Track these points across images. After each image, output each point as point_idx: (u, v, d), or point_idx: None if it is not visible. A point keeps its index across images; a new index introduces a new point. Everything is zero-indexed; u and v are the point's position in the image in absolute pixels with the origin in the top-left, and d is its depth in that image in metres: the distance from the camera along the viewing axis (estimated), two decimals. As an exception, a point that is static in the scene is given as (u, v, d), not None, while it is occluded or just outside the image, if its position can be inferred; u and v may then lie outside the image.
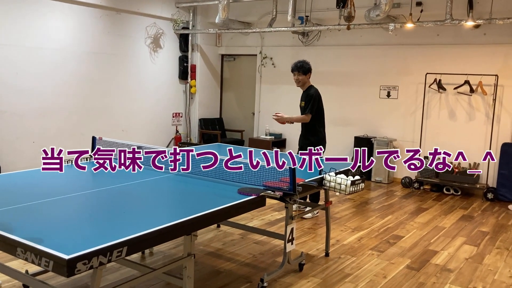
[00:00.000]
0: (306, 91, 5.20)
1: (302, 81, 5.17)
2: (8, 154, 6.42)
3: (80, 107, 7.30)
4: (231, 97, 9.70)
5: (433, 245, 4.64)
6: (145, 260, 3.96)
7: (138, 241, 2.12)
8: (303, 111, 5.19)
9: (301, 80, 5.16)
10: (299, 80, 5.17)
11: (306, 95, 5.18)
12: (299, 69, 5.12)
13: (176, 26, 8.64)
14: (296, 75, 5.16)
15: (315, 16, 7.81)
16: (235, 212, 2.79)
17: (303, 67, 5.12)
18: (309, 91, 5.17)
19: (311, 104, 5.09)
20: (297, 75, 5.15)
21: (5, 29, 6.25)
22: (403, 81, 7.50)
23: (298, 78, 5.15)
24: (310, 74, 5.21)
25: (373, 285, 3.63)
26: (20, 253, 1.99)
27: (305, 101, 5.15)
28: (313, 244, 4.50)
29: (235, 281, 3.59)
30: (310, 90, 5.18)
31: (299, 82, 5.18)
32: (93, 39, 7.36)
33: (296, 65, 5.14)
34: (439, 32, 7.10)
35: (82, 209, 2.60)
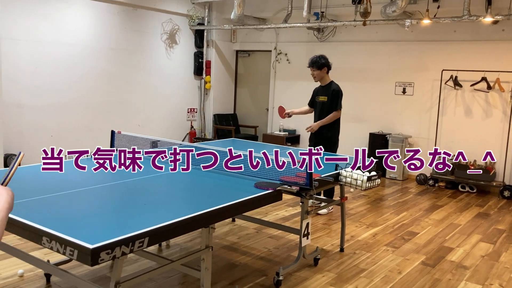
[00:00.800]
0: (328, 86, 5.20)
1: (318, 76, 5.18)
2: (27, 148, 6.54)
3: (97, 102, 7.39)
4: (245, 93, 9.73)
5: (449, 242, 4.63)
6: (162, 252, 4.02)
7: (159, 232, 2.17)
8: (330, 107, 5.16)
9: (317, 75, 5.18)
10: (314, 75, 5.20)
11: (329, 90, 5.17)
12: (313, 64, 5.15)
13: (191, 22, 8.69)
14: (311, 70, 5.20)
15: (331, 12, 7.80)
16: (252, 206, 2.83)
17: (317, 62, 5.13)
18: (332, 87, 5.18)
19: (339, 100, 5.14)
20: (312, 70, 5.19)
21: (24, 25, 6.36)
22: (419, 77, 7.46)
23: (313, 73, 5.19)
24: (327, 69, 5.19)
25: (388, 280, 3.65)
26: (45, 242, 2.05)
27: (329, 96, 5.15)
28: (327, 240, 4.52)
29: (250, 274, 3.63)
30: (332, 85, 5.19)
31: (315, 77, 5.21)
32: (110, 35, 7.45)
33: (312, 60, 5.17)
34: (456, 28, 7.04)
35: (104, 201, 2.66)
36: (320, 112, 5.23)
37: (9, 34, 6.20)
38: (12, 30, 6.24)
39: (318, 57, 5.15)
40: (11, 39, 6.24)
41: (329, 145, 5.14)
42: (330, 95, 5.15)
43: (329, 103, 5.16)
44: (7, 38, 6.15)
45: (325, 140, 5.17)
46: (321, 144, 5.15)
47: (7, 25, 6.16)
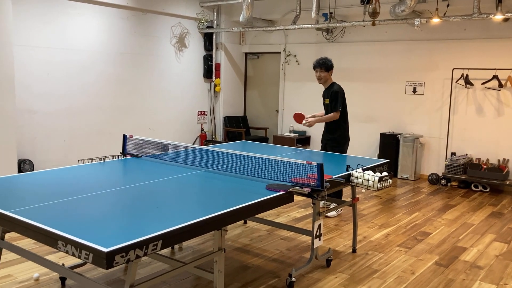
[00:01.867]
0: (329, 88, 5.20)
1: (324, 78, 5.17)
2: (40, 152, 6.62)
3: (108, 106, 7.46)
4: (255, 95, 9.75)
5: (462, 241, 4.59)
6: (175, 255, 4.04)
7: (172, 235, 2.19)
8: (330, 108, 5.18)
9: (323, 77, 5.16)
10: (321, 77, 5.17)
11: (330, 92, 5.17)
12: (321, 65, 5.13)
13: (200, 25, 8.74)
14: (318, 72, 5.16)
15: (339, 13, 7.79)
16: (264, 208, 2.84)
17: (326, 63, 5.12)
18: (333, 88, 5.17)
19: (338, 101, 5.09)
20: (319, 72, 5.15)
21: (36, 32, 6.44)
22: (429, 76, 7.41)
23: (320, 75, 5.15)
24: (332, 71, 5.20)
25: (401, 281, 3.63)
26: (61, 246, 2.08)
27: (330, 98, 5.15)
28: (340, 241, 4.51)
29: (263, 276, 3.64)
30: (333, 87, 5.18)
31: (321, 79, 5.18)
32: (120, 39, 7.52)
33: (319, 62, 5.15)
34: (466, 27, 6.99)
35: (117, 204, 2.68)
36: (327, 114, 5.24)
37: (22, 41, 6.28)
38: (25, 37, 6.33)
39: (325, 59, 5.15)
40: (24, 46, 6.32)
41: (336, 146, 5.15)
42: (330, 97, 5.15)
43: (331, 105, 5.16)
44: (20, 45, 6.24)
45: (332, 141, 5.19)
46: (330, 145, 5.19)
47: (20, 33, 6.25)
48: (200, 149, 4.40)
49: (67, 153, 6.94)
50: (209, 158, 3.95)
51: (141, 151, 4.04)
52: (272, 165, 3.51)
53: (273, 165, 3.50)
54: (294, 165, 3.39)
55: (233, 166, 3.62)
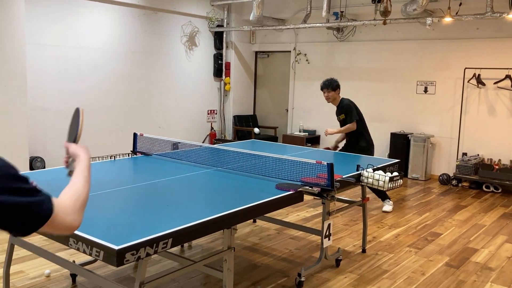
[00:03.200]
0: (340, 105, 5.38)
1: (332, 97, 5.33)
2: (51, 150, 6.68)
3: (118, 104, 7.50)
4: (265, 94, 9.74)
5: (473, 243, 4.55)
6: (184, 253, 4.06)
7: (182, 234, 2.19)
8: (347, 122, 5.33)
9: (331, 96, 5.32)
10: (329, 97, 5.33)
11: (342, 107, 5.35)
12: (327, 86, 5.29)
13: (211, 24, 8.75)
14: (326, 93, 5.32)
15: (350, 11, 7.75)
16: (274, 207, 2.84)
17: (332, 84, 5.29)
18: (343, 104, 5.35)
19: (353, 112, 5.30)
20: (327, 92, 5.31)
21: (48, 30, 6.49)
22: (441, 76, 7.35)
23: (328, 95, 5.32)
24: (339, 90, 5.36)
25: (411, 282, 3.61)
26: (72, 243, 2.10)
27: (343, 113, 5.33)
28: (349, 241, 4.50)
29: (272, 275, 3.64)
30: (343, 102, 5.37)
31: (329, 98, 5.34)
32: (131, 38, 7.55)
33: (325, 83, 5.32)
34: (479, 26, 6.92)
35: (127, 202, 2.70)
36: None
37: (34, 39, 6.34)
38: (37, 35, 6.38)
39: (331, 80, 5.32)
40: (36, 44, 6.38)
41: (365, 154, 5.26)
42: (343, 111, 5.34)
43: (347, 119, 5.34)
44: (32, 44, 6.29)
45: (359, 150, 5.26)
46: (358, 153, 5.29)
47: (32, 31, 6.30)
48: (210, 147, 4.40)
49: (78, 150, 6.98)
50: (219, 156, 3.96)
51: (152, 149, 4.06)
52: (281, 164, 3.51)
53: (282, 164, 3.49)
54: (304, 165, 3.38)
55: (243, 165, 3.62)
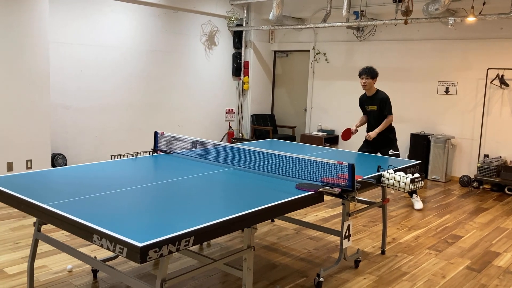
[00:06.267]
0: (376, 95, 5.40)
1: (369, 84, 5.32)
2: (72, 147, 6.78)
3: (138, 103, 7.58)
4: (283, 93, 9.73)
5: (495, 246, 4.48)
6: (203, 251, 4.08)
7: (204, 232, 2.21)
8: (378, 114, 5.38)
9: (368, 84, 5.31)
10: (366, 84, 5.32)
11: (378, 99, 5.37)
12: (367, 73, 5.29)
13: (230, 23, 8.77)
14: (364, 79, 5.31)
15: (371, 11, 7.69)
16: (294, 207, 2.83)
17: (372, 72, 5.29)
18: (380, 95, 5.38)
19: (389, 106, 5.37)
20: (365, 79, 5.30)
21: (70, 29, 6.59)
22: (463, 76, 7.24)
23: (366, 81, 5.31)
24: (376, 80, 5.36)
25: (431, 284, 3.57)
26: (96, 240, 2.13)
27: (380, 105, 5.35)
28: (368, 242, 4.47)
29: (291, 275, 3.64)
30: (380, 94, 5.40)
31: (366, 85, 5.33)
32: (151, 37, 7.62)
33: (364, 70, 5.32)
34: (503, 25, 6.80)
35: (149, 200, 2.72)
36: (374, 121, 5.44)
37: (56, 38, 6.44)
38: (60, 34, 6.49)
39: (371, 67, 5.33)
40: (59, 43, 6.48)
41: (390, 144, 5.44)
42: (379, 103, 5.35)
43: (379, 112, 5.38)
44: (54, 42, 6.40)
45: (389, 141, 5.43)
46: (387, 144, 5.43)
47: (55, 30, 6.40)
48: (229, 146, 4.42)
49: (98, 148, 7.09)
50: (239, 156, 3.97)
51: (172, 148, 4.09)
52: (301, 164, 3.50)
53: (302, 164, 3.48)
54: (324, 165, 3.37)
55: (262, 164, 3.63)
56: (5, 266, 3.62)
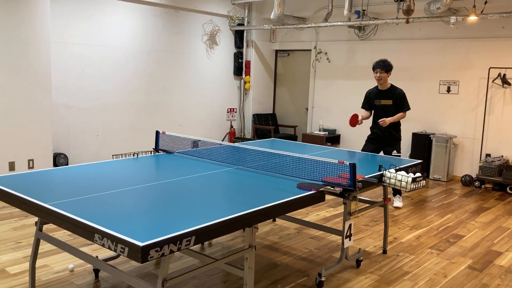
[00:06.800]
0: (391, 90, 5.35)
1: (384, 78, 5.29)
2: (74, 146, 6.79)
3: (140, 102, 7.58)
4: (285, 92, 9.73)
5: (497, 245, 4.47)
6: (204, 250, 4.08)
7: (205, 231, 2.21)
8: (394, 109, 5.31)
9: (383, 77, 5.28)
10: (381, 78, 5.28)
11: (395, 94, 5.32)
12: (382, 66, 5.25)
13: (231, 23, 8.77)
14: (378, 73, 5.27)
15: (372, 10, 7.68)
16: (296, 206, 2.83)
17: (386, 65, 5.26)
18: (396, 91, 5.34)
19: (407, 102, 5.33)
20: (380, 73, 5.26)
21: (72, 29, 6.60)
22: (464, 76, 7.23)
23: (380, 75, 5.27)
24: (391, 73, 5.33)
25: (433, 284, 3.57)
26: (97, 239, 2.13)
27: (396, 99, 5.30)
28: (370, 241, 4.46)
29: (292, 274, 3.64)
30: (396, 89, 5.36)
31: (381, 79, 5.29)
32: (152, 37, 7.62)
33: (379, 63, 5.28)
34: (505, 24, 6.79)
35: (150, 199, 2.73)
36: (385, 116, 5.32)
37: (58, 38, 6.45)
38: (61, 34, 6.49)
39: (386, 61, 5.29)
40: (60, 42, 6.49)
41: (395, 142, 5.42)
42: (396, 98, 5.30)
43: (394, 106, 5.32)
44: (56, 42, 6.40)
45: (396, 140, 5.41)
46: (393, 143, 5.40)
47: (57, 30, 6.41)
48: (231, 146, 4.42)
49: (100, 147, 7.09)
50: (240, 155, 3.97)
51: (173, 147, 4.09)
52: (303, 163, 3.50)
53: (304, 164, 3.48)
54: (325, 164, 3.37)
55: (263, 164, 3.63)
56: (7, 265, 3.63)
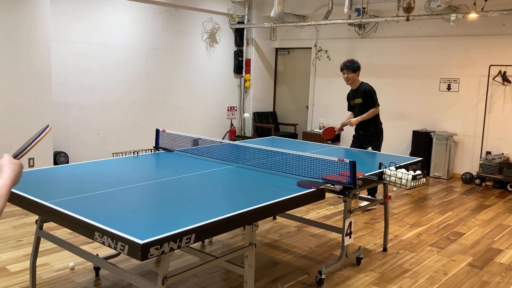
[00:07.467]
0: (360, 88, 5.33)
1: (352, 78, 5.29)
2: (75, 145, 6.79)
3: (140, 101, 7.58)
4: (285, 90, 9.72)
5: (497, 243, 4.47)
6: (205, 248, 4.08)
7: (206, 229, 2.21)
8: (364, 107, 5.27)
9: (351, 78, 5.28)
10: (348, 78, 5.29)
11: (362, 91, 5.30)
12: (348, 67, 5.25)
13: (231, 21, 8.76)
14: (345, 74, 5.28)
15: (372, 8, 7.67)
16: (296, 204, 2.83)
17: (353, 65, 5.25)
18: (364, 87, 5.31)
19: (375, 97, 5.28)
20: (347, 74, 5.27)
21: (72, 27, 6.59)
22: (465, 73, 7.22)
23: (348, 76, 5.27)
24: (359, 72, 5.32)
25: (433, 281, 3.57)
26: (97, 237, 2.13)
27: (364, 97, 5.27)
28: (370, 239, 4.46)
29: (292, 272, 3.64)
30: (364, 86, 5.33)
31: (349, 80, 5.30)
32: (152, 35, 7.62)
33: (345, 64, 5.28)
34: (505, 22, 6.77)
35: (150, 197, 2.73)
36: (359, 114, 5.32)
37: (58, 36, 6.44)
38: (61, 32, 6.49)
39: (352, 61, 5.28)
40: (60, 41, 6.48)
41: (374, 140, 5.32)
42: (363, 96, 5.28)
43: (364, 104, 5.29)
44: (56, 40, 6.40)
45: (370, 136, 5.33)
46: (367, 140, 5.32)
47: (57, 28, 6.40)
48: (231, 144, 4.42)
49: (100, 146, 7.09)
50: (240, 153, 3.97)
51: (173, 145, 4.09)
52: (303, 161, 3.50)
53: (304, 162, 3.48)
54: (325, 162, 3.37)
55: (263, 162, 3.63)
56: (7, 263, 3.64)
